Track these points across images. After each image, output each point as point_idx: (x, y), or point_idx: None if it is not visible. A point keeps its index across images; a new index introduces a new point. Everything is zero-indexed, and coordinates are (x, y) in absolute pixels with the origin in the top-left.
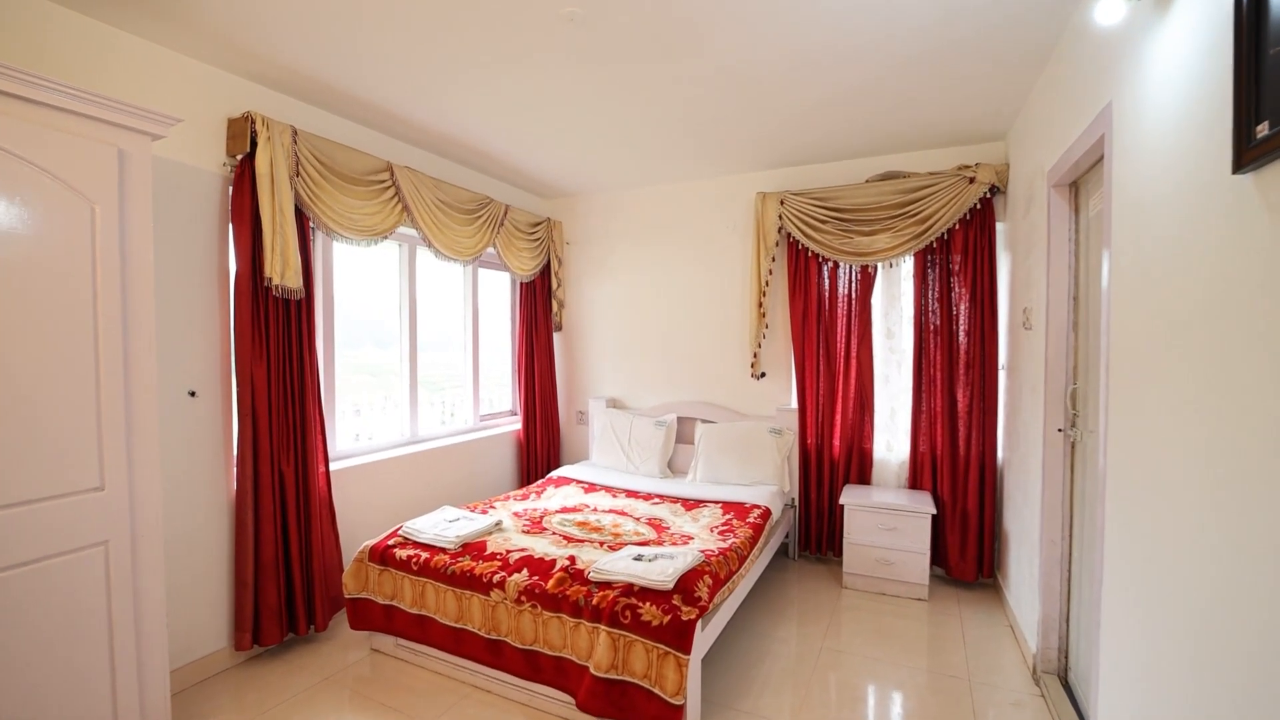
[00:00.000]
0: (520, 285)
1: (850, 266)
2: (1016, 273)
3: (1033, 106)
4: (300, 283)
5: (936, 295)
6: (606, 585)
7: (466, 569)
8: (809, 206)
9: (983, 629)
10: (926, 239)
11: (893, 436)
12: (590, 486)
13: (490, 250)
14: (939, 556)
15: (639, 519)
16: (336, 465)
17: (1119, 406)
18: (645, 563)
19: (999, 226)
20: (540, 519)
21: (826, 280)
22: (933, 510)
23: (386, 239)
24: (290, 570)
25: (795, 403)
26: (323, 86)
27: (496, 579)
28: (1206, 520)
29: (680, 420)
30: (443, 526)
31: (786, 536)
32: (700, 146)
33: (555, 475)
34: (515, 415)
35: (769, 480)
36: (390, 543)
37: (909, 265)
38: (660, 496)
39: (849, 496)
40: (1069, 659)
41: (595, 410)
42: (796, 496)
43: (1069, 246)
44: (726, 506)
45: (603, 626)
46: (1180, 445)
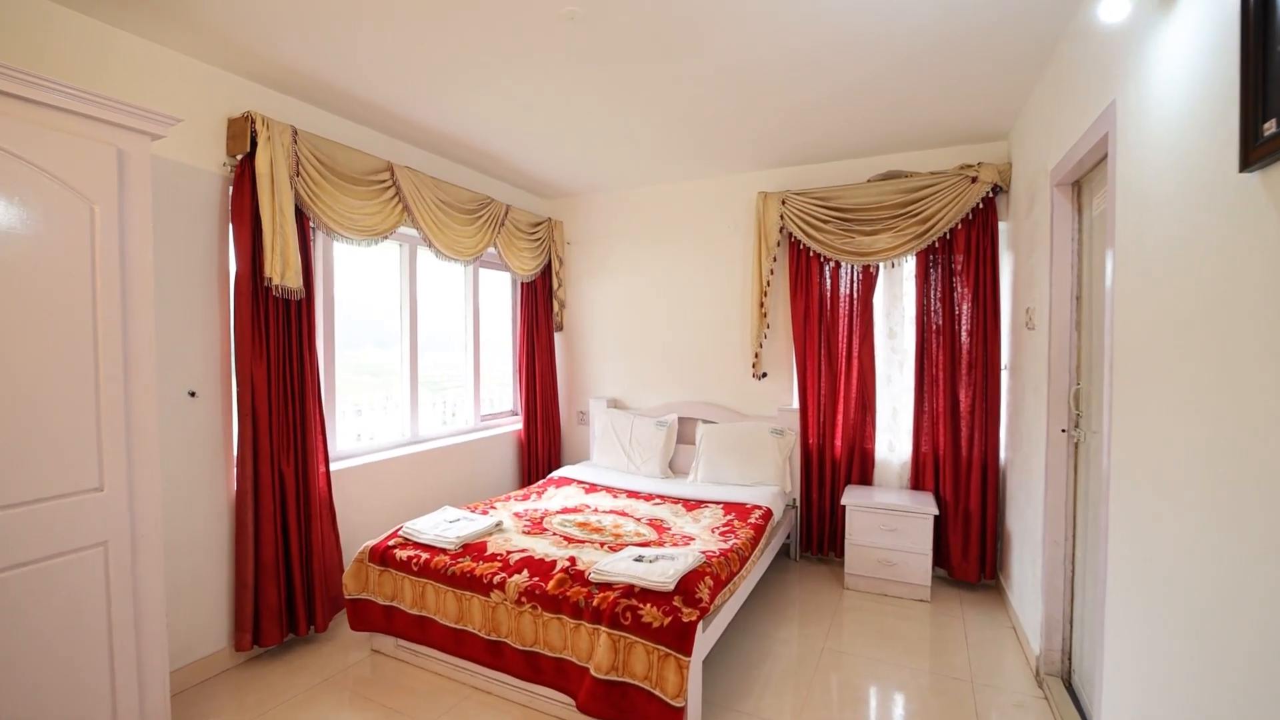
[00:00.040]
0: (521, 285)
1: (852, 266)
2: (1019, 272)
3: (1035, 105)
4: (300, 283)
5: (939, 295)
6: (607, 586)
7: (467, 570)
8: (810, 206)
9: (985, 630)
10: (928, 239)
11: (895, 437)
12: (591, 487)
13: (491, 250)
14: (941, 557)
15: (640, 519)
16: (337, 465)
17: (1123, 407)
18: (646, 564)
19: (1001, 226)
20: (541, 519)
21: (828, 280)
22: (935, 511)
23: (387, 239)
24: (290, 571)
25: (797, 403)
26: (323, 86)
27: (497, 580)
28: (1210, 520)
29: (681, 420)
30: (443, 527)
31: (788, 537)
32: (701, 146)
33: (556, 475)
34: (516, 415)
35: (770, 481)
36: (390, 543)
37: (911, 265)
38: (661, 497)
39: (851, 497)
40: (1072, 661)
41: (596, 410)
42: (798, 497)
43: (1072, 246)
44: (728, 507)
45: (603, 628)
46: (1184, 446)
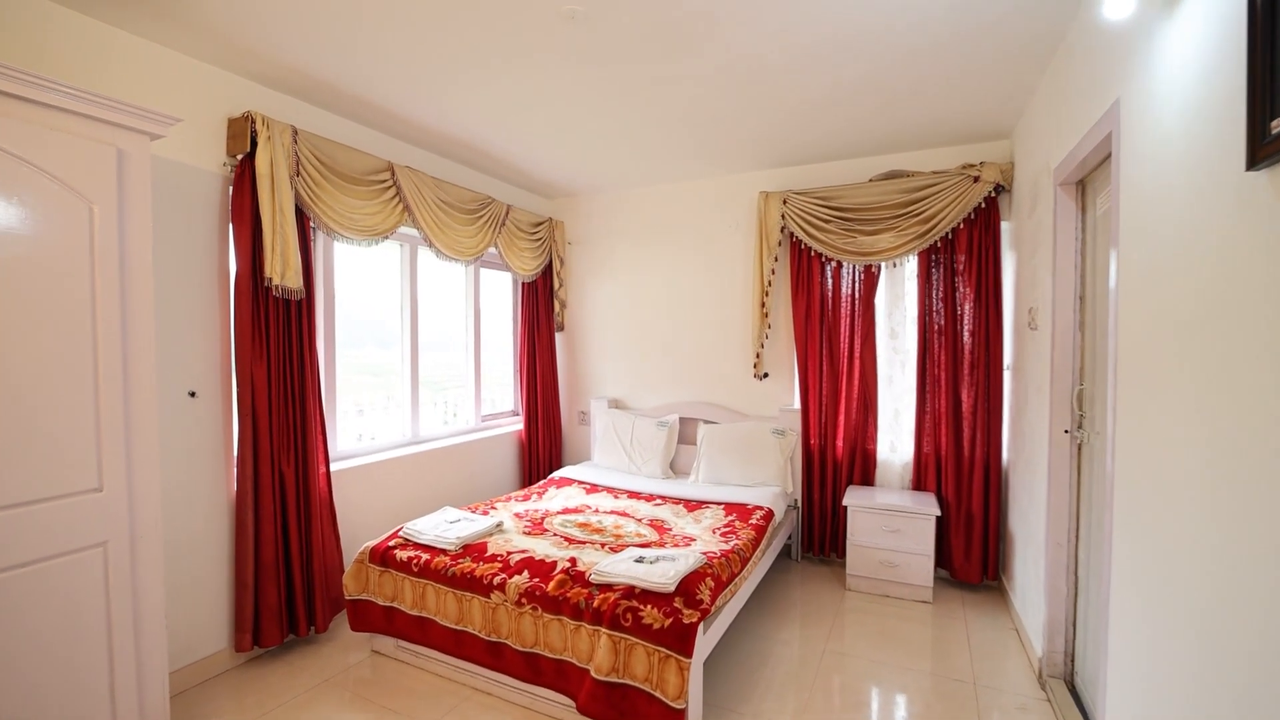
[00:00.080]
0: (522, 285)
1: (853, 266)
2: (1022, 272)
3: (1038, 103)
4: (300, 283)
5: (941, 295)
6: (607, 587)
7: (467, 570)
8: (812, 206)
9: (988, 632)
10: (930, 238)
11: (896, 437)
12: (592, 487)
13: (492, 250)
14: (943, 558)
15: (641, 520)
16: (337, 466)
17: (1127, 408)
18: (647, 565)
19: (1004, 225)
20: (541, 520)
21: (829, 280)
22: (937, 512)
23: (388, 239)
24: (291, 571)
25: (798, 403)
26: (323, 86)
27: (497, 581)
28: (1211, 521)
29: (682, 421)
30: (443, 528)
31: (789, 538)
32: (702, 145)
33: (557, 476)
34: (517, 415)
35: (772, 481)
36: (391, 544)
37: (913, 265)
38: (662, 497)
39: (852, 498)
40: (1075, 663)
41: (597, 410)
42: (799, 498)
43: (1075, 245)
44: (729, 508)
45: (604, 629)
46: (1189, 447)
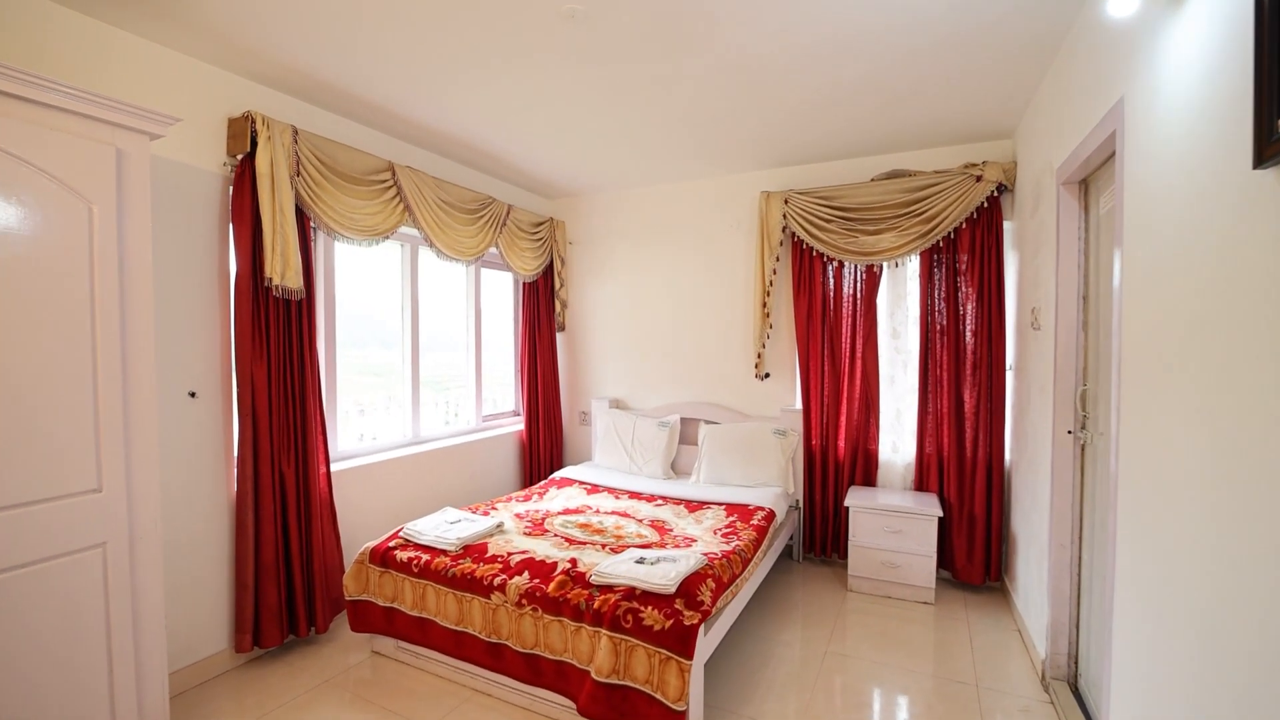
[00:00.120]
0: (523, 285)
1: (855, 266)
2: (1024, 272)
3: (1041, 102)
4: (301, 283)
5: (943, 295)
6: (608, 589)
7: (467, 571)
8: (813, 205)
9: (990, 633)
10: (932, 238)
11: (898, 438)
12: (593, 488)
13: (493, 250)
14: (945, 559)
15: (642, 521)
16: (338, 466)
17: (1131, 408)
18: (647, 566)
19: (1006, 225)
20: (542, 520)
21: (831, 280)
22: (939, 512)
23: (388, 239)
24: (291, 572)
25: (800, 403)
26: (323, 86)
27: (497, 582)
28: (1213, 522)
29: (684, 421)
30: (444, 528)
31: (791, 539)
32: (703, 145)
33: (558, 476)
34: (518, 415)
35: (773, 482)
36: (391, 544)
37: (915, 265)
38: (663, 498)
39: (854, 498)
40: (1079, 665)
41: (598, 411)
42: (801, 498)
43: (1078, 245)
44: (730, 508)
45: (604, 631)
46: (1193, 448)
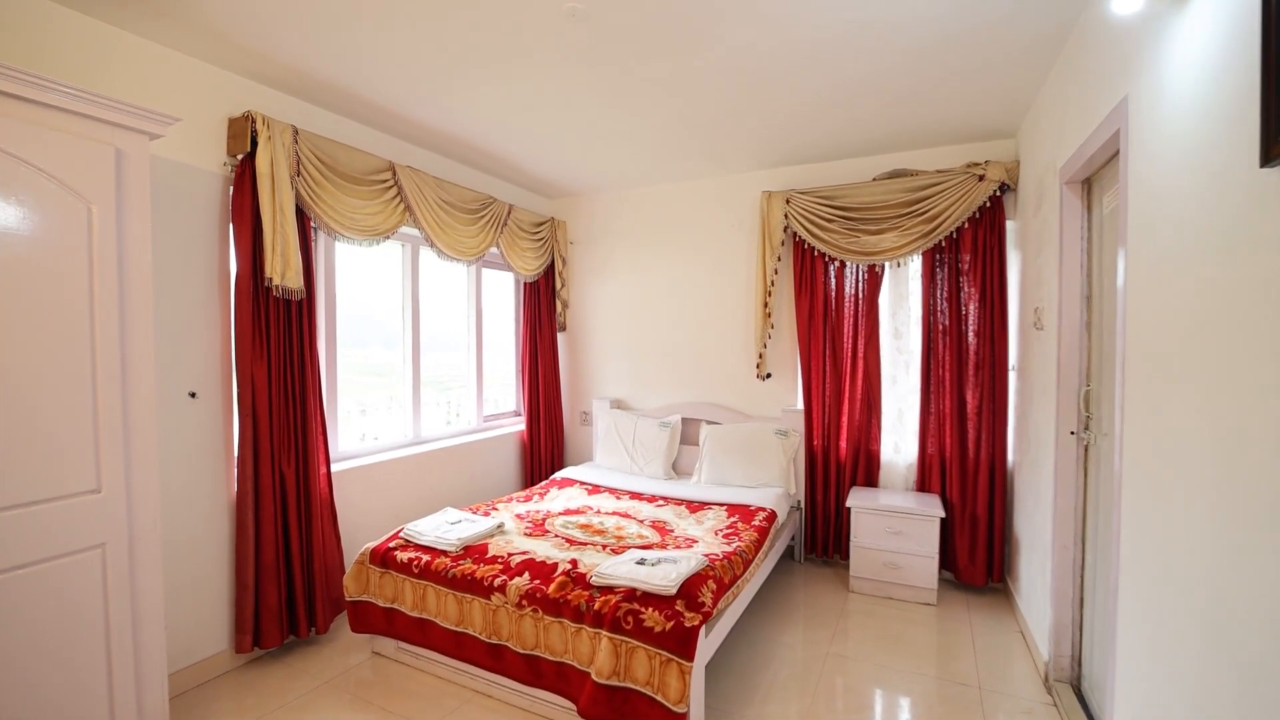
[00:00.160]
0: (524, 285)
1: (857, 266)
2: (1027, 272)
3: (1044, 101)
4: (301, 283)
5: (945, 295)
6: (608, 590)
7: (467, 572)
8: (815, 205)
9: (993, 635)
10: (935, 238)
11: (900, 438)
12: (594, 488)
13: (494, 250)
14: (948, 560)
15: (643, 521)
16: (338, 466)
17: (1135, 409)
18: (648, 567)
19: (1009, 225)
20: (543, 521)
21: (833, 280)
22: (941, 513)
23: (389, 239)
24: (291, 572)
25: (801, 404)
26: (324, 85)
27: (497, 583)
28: (1214, 522)
29: (685, 421)
30: (444, 529)
31: (792, 539)
32: (704, 145)
33: (559, 476)
34: (519, 416)
35: (774, 482)
36: (391, 545)
37: (917, 264)
38: (664, 498)
39: (856, 499)
40: (1082, 667)
41: (599, 411)
42: (802, 499)
43: (1082, 244)
44: (731, 509)
45: (604, 632)
46: (1197, 448)
